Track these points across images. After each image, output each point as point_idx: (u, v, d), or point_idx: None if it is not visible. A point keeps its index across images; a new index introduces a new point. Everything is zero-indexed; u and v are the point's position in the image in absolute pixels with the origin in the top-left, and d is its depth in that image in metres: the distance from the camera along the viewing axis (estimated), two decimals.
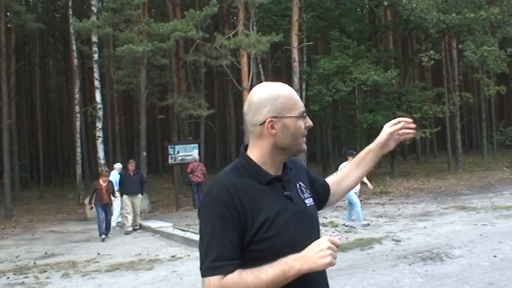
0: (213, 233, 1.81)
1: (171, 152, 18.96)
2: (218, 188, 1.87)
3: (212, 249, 1.80)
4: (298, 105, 1.95)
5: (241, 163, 1.97)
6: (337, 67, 23.14)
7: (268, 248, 1.82)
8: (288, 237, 1.86)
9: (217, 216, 1.81)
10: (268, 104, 1.93)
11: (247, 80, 21.45)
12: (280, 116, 1.92)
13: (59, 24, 41.10)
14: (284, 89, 1.97)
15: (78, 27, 20.60)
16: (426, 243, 9.81)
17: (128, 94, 37.39)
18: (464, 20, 22.26)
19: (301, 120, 1.94)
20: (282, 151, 1.95)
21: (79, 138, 25.26)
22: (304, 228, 1.94)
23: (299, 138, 1.95)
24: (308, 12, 25.39)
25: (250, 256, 1.82)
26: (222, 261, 1.78)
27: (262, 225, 1.83)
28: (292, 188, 2.00)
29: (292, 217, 1.90)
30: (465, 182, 22.03)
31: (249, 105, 1.97)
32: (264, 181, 1.91)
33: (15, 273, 9.59)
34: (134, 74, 22.52)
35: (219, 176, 1.96)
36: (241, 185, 1.87)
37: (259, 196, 1.88)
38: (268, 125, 1.91)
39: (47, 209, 21.91)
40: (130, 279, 8.65)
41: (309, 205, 2.03)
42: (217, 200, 1.83)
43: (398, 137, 2.35)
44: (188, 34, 20.00)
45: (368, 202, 17.45)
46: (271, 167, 1.95)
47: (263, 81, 18.87)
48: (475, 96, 36.44)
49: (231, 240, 1.80)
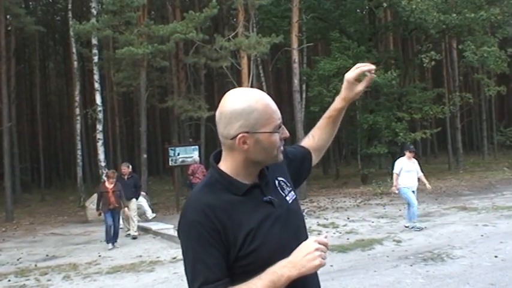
0: (196, 257, 1.77)
1: (172, 154, 18.96)
2: (193, 209, 1.81)
3: (198, 274, 1.76)
4: (273, 118, 1.84)
5: (214, 177, 1.88)
6: (337, 68, 23.12)
7: (257, 260, 1.77)
8: (274, 244, 1.81)
9: (196, 240, 1.76)
10: (241, 118, 1.81)
11: (247, 81, 21.45)
12: (253, 131, 1.81)
13: (58, 27, 41.18)
14: (259, 101, 1.84)
15: (78, 30, 20.61)
16: (427, 244, 9.81)
17: (128, 96, 37.41)
18: (465, 21, 22.24)
19: (275, 134, 1.84)
20: (259, 164, 1.89)
21: (79, 140, 25.27)
22: (290, 229, 1.89)
23: (274, 152, 1.86)
24: (308, 14, 25.40)
25: (239, 272, 1.77)
26: (210, 284, 1.73)
27: (245, 238, 1.77)
28: (271, 188, 1.94)
29: (275, 222, 1.85)
30: (466, 182, 22.01)
31: (220, 115, 1.86)
32: (240, 192, 1.84)
33: (16, 275, 9.59)
34: (134, 76, 22.53)
35: (193, 195, 1.89)
36: (217, 202, 1.80)
37: (237, 210, 1.81)
38: (240, 141, 1.82)
39: (48, 212, 21.92)
40: (132, 281, 8.65)
41: (291, 201, 1.97)
42: (194, 223, 1.77)
43: (362, 84, 2.33)
44: (188, 36, 20.00)
45: (369, 203, 17.46)
46: (246, 177, 1.88)
47: (263, 83, 18.88)
48: (476, 97, 36.43)
49: (215, 261, 1.75)
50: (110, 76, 27.30)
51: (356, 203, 17.73)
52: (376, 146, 24.14)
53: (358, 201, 18.20)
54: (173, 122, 27.19)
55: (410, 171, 11.74)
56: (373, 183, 21.35)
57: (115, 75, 24.17)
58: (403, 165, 11.70)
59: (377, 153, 24.73)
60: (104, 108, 23.67)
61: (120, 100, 35.60)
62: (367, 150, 24.27)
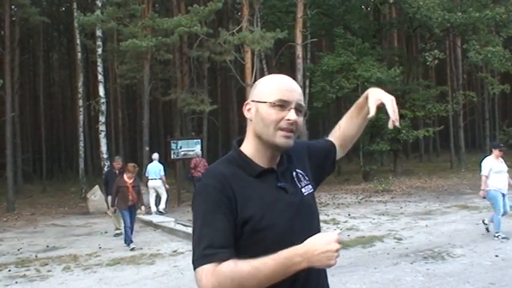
0: (205, 220, 1.75)
1: (174, 147, 18.94)
2: (209, 176, 1.85)
3: (204, 237, 1.73)
4: (278, 92, 1.86)
5: (232, 155, 1.93)
6: (341, 64, 23.11)
7: (263, 240, 1.76)
8: (283, 228, 1.81)
9: (208, 204, 1.77)
10: (255, 88, 1.95)
11: (250, 76, 21.43)
12: (256, 99, 1.89)
13: (63, 18, 41.13)
14: (274, 77, 1.95)
15: (83, 22, 20.62)
16: (428, 242, 9.80)
17: (131, 89, 37.41)
18: (469, 19, 22.18)
19: (274, 108, 1.84)
20: (261, 141, 1.88)
21: (82, 132, 25.30)
22: (301, 219, 1.88)
23: (270, 127, 1.84)
24: (313, 9, 25.33)
25: (244, 249, 1.74)
26: (215, 249, 1.70)
27: (252, 216, 1.77)
28: (288, 178, 1.94)
29: (287, 208, 1.85)
30: (468, 181, 21.99)
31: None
32: (254, 173, 1.86)
33: (16, 265, 9.62)
34: (138, 69, 22.54)
35: (210, 167, 1.94)
36: (232, 175, 1.83)
37: (249, 187, 1.83)
38: (246, 107, 1.92)
39: (49, 203, 21.96)
40: (132, 273, 8.66)
41: (307, 194, 1.96)
42: (208, 187, 1.80)
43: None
44: (192, 29, 19.99)
45: (370, 200, 17.45)
46: (261, 159, 1.89)
47: None
48: (479, 96, 36.34)
49: (223, 228, 1.73)
50: (114, 68, 27.29)
51: (357, 199, 17.72)
52: (378, 143, 24.13)
53: (360, 198, 18.19)
54: (176, 115, 27.18)
55: (501, 172, 10.40)
56: (375, 180, 21.35)
57: (119, 68, 24.17)
58: (492, 165, 10.39)
59: (379, 150, 24.73)
60: (107, 100, 23.67)
61: (123, 92, 35.61)
62: (369, 147, 24.25)
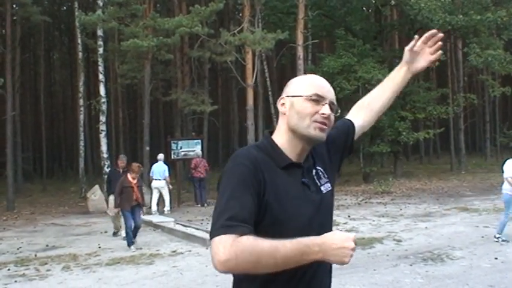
0: (232, 195, 1.77)
1: (174, 147, 18.95)
2: (242, 156, 1.88)
3: (228, 209, 1.74)
4: (313, 88, 1.94)
5: (263, 143, 1.99)
6: (342, 66, 23.11)
7: (280, 231, 1.77)
8: (302, 224, 1.86)
9: (239, 181, 1.80)
10: (289, 85, 2.02)
11: (251, 76, 21.43)
12: (291, 94, 1.97)
13: (64, 18, 41.16)
14: (311, 76, 2.04)
15: (84, 21, 20.62)
16: (427, 244, 9.80)
17: (132, 88, 37.39)
18: (471, 22, 22.18)
19: (310, 102, 1.91)
20: (295, 134, 1.94)
21: (82, 131, 25.30)
22: (320, 216, 1.95)
23: (305, 120, 1.91)
24: (314, 10, 25.34)
25: (262, 235, 1.72)
26: (237, 222, 1.70)
27: (276, 206, 1.82)
28: (310, 175, 2.00)
29: (308, 204, 1.91)
30: (468, 183, 21.99)
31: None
32: (282, 165, 1.91)
33: (16, 264, 9.62)
34: (139, 69, 22.55)
35: (243, 148, 1.99)
36: (263, 161, 1.88)
37: (277, 177, 1.88)
38: (280, 102, 2.00)
39: (49, 202, 21.96)
40: (131, 273, 8.66)
41: (325, 192, 2.02)
42: (241, 166, 1.83)
43: (429, 55, 2.36)
44: (193, 30, 19.99)
45: (370, 201, 17.45)
46: (291, 152, 1.95)
47: (267, 79, 18.91)
48: (480, 98, 36.34)
49: (249, 205, 1.76)
50: (115, 68, 27.29)
51: (357, 201, 17.72)
52: (378, 145, 24.13)
53: (359, 199, 18.19)
54: (176, 116, 27.18)
55: None
56: (375, 181, 21.34)
57: (119, 67, 24.18)
58: None
59: (379, 152, 24.72)
60: (108, 99, 23.67)
61: (124, 92, 35.60)
62: (370, 148, 24.25)
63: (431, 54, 2.36)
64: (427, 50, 2.36)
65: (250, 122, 21.58)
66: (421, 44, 2.35)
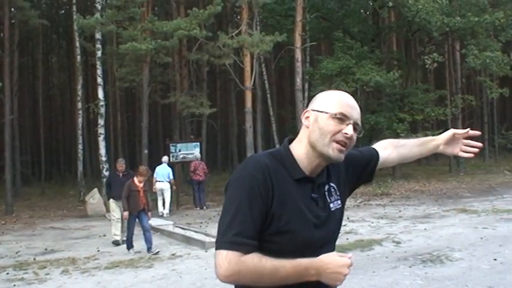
0: (240, 207, 1.80)
1: (173, 150, 18.96)
2: (253, 165, 1.88)
3: (235, 223, 1.78)
4: (339, 106, 1.93)
5: (280, 152, 1.99)
6: (340, 68, 23.13)
7: (282, 242, 1.84)
8: (303, 237, 1.88)
9: (246, 193, 1.81)
10: (317, 99, 2.03)
11: (249, 79, 21.46)
12: (316, 109, 1.97)
13: (62, 21, 41.10)
14: (339, 92, 2.03)
15: (82, 24, 20.61)
16: (427, 246, 9.80)
17: (130, 92, 37.37)
18: (468, 24, 22.22)
19: (334, 120, 1.91)
20: (314, 150, 1.93)
21: (81, 135, 25.26)
22: (323, 232, 1.95)
23: (326, 138, 1.91)
24: (312, 13, 25.37)
25: (263, 246, 1.81)
26: (244, 238, 1.77)
27: (282, 216, 1.84)
28: (321, 191, 2.00)
29: (313, 219, 1.92)
30: (466, 184, 22.00)
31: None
32: (295, 177, 1.91)
33: (15, 268, 9.60)
34: (137, 72, 22.53)
35: (255, 156, 2.00)
36: (274, 170, 1.88)
37: (287, 188, 1.88)
38: (304, 115, 2.01)
39: (48, 206, 21.92)
40: (130, 276, 8.65)
41: (334, 209, 2.02)
42: (250, 177, 1.84)
43: (461, 149, 2.41)
44: (191, 33, 19.99)
45: (369, 203, 17.46)
46: (306, 166, 1.95)
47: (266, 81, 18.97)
48: (478, 99, 36.37)
49: (255, 220, 1.80)
50: (113, 71, 27.27)
51: (356, 203, 17.72)
52: None
53: (358, 201, 18.19)
54: (175, 119, 27.16)
55: None
56: (374, 183, 21.30)
57: (118, 70, 24.16)
58: None
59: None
60: (106, 103, 23.64)
61: (122, 95, 35.58)
62: None
63: (462, 150, 2.42)
64: (461, 143, 2.42)
65: (249, 124, 21.59)
66: (462, 135, 2.41)
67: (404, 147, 2.44)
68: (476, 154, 2.44)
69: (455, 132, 2.40)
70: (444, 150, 2.42)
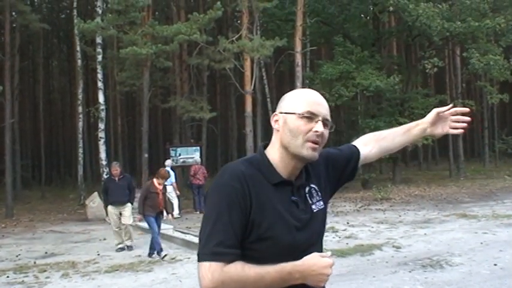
0: (219, 218, 1.79)
1: (173, 154, 18.99)
2: (229, 174, 1.87)
3: (216, 233, 1.78)
4: (307, 104, 1.91)
5: (256, 158, 1.97)
6: (340, 72, 23.14)
7: (264, 248, 1.83)
8: (285, 242, 1.85)
9: (226, 203, 1.80)
10: (283, 101, 2.00)
11: (249, 83, 21.48)
12: (284, 111, 1.94)
13: (63, 25, 41.21)
14: (305, 91, 2.02)
15: (83, 28, 20.65)
16: (426, 251, 9.80)
17: (130, 96, 37.47)
18: (469, 29, 22.26)
19: (303, 119, 1.89)
20: (288, 152, 1.91)
21: (81, 138, 25.28)
22: (305, 235, 1.92)
23: (298, 139, 1.89)
24: (312, 18, 25.41)
25: (245, 254, 1.80)
26: (225, 248, 1.76)
27: (261, 223, 1.82)
28: (302, 193, 1.97)
29: (294, 223, 1.89)
30: (466, 189, 21.99)
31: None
32: (273, 181, 1.89)
33: (15, 272, 9.59)
34: (137, 76, 22.59)
35: (231, 164, 1.97)
36: (252, 177, 1.86)
37: (266, 194, 1.86)
38: (273, 119, 1.98)
39: (48, 209, 21.92)
40: (130, 280, 8.65)
41: (316, 210, 1.99)
42: (228, 187, 1.82)
43: (449, 126, 2.34)
44: (192, 37, 20.05)
45: (369, 208, 17.45)
46: (283, 169, 1.93)
47: (266, 85, 19.03)
48: (478, 104, 36.41)
49: (235, 229, 1.79)
50: (113, 75, 27.34)
51: (356, 207, 17.72)
52: None
53: (358, 206, 18.19)
54: (175, 123, 27.21)
55: None
56: (374, 188, 21.34)
57: (118, 75, 24.23)
58: None
59: (378, 159, 24.68)
60: (107, 107, 23.67)
61: (123, 99, 35.68)
62: None
63: (451, 127, 2.35)
64: (449, 121, 2.35)
65: (249, 128, 21.61)
66: (448, 113, 2.34)
67: (386, 140, 2.38)
68: (465, 129, 2.36)
69: (438, 111, 2.34)
70: (433, 132, 2.36)
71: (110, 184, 11.82)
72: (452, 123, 2.35)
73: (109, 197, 11.70)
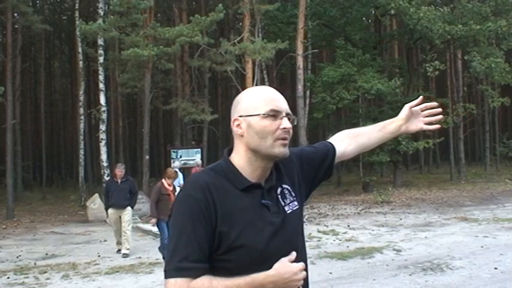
0: (183, 232, 1.74)
1: (174, 156, 19.01)
2: (191, 186, 1.83)
3: (180, 248, 1.73)
4: (268, 103, 1.85)
5: (221, 165, 1.90)
6: (341, 75, 23.15)
7: (238, 259, 1.76)
8: (258, 249, 1.78)
9: (188, 215, 1.75)
10: (239, 103, 1.92)
11: (251, 86, 21.45)
12: (246, 114, 1.87)
13: (65, 27, 41.27)
14: (259, 89, 1.94)
15: (85, 30, 20.68)
16: (427, 254, 9.80)
17: (132, 97, 37.45)
18: (470, 32, 22.26)
19: (268, 119, 1.83)
20: (257, 154, 1.86)
21: (82, 140, 25.30)
22: (280, 239, 1.84)
23: (267, 139, 1.83)
24: (314, 20, 25.44)
25: (218, 266, 1.76)
26: (190, 263, 1.71)
27: (230, 233, 1.75)
28: (273, 195, 1.90)
29: (266, 227, 1.82)
30: (467, 193, 21.99)
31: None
32: (241, 187, 1.83)
33: (15, 273, 9.60)
34: (139, 78, 22.59)
35: (194, 175, 1.92)
36: (216, 186, 1.80)
37: (233, 201, 1.80)
38: (234, 124, 1.90)
39: (49, 210, 21.94)
40: (130, 282, 8.65)
41: (290, 212, 1.91)
42: (190, 198, 1.78)
43: (423, 122, 2.32)
44: (193, 39, 20.06)
45: (370, 211, 17.44)
46: (251, 173, 1.87)
47: None
48: (479, 108, 36.41)
49: (201, 242, 1.73)
50: (115, 77, 27.37)
51: (357, 210, 17.72)
52: (378, 154, 24.11)
53: (359, 209, 18.19)
54: (176, 125, 27.22)
55: None
56: (375, 191, 21.34)
57: (120, 76, 24.23)
58: None
59: (379, 162, 24.71)
60: (108, 108, 23.71)
61: (124, 101, 35.67)
62: (369, 158, 24.25)
63: (424, 123, 2.32)
64: (421, 117, 2.33)
65: None
66: (419, 109, 2.32)
67: (362, 136, 2.33)
68: (439, 122, 2.34)
69: (410, 105, 2.30)
70: (408, 129, 2.31)
71: (112, 186, 11.45)
72: (425, 118, 2.33)
73: (110, 200, 11.34)
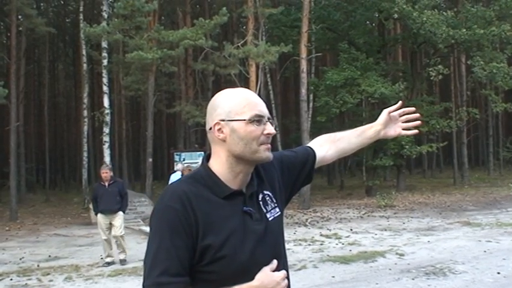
0: (161, 245, 1.67)
1: (177, 159, 19.02)
2: (169, 196, 1.74)
3: (159, 262, 1.66)
4: (251, 107, 1.80)
5: (200, 172, 1.83)
6: (345, 79, 23.15)
7: (221, 270, 1.71)
8: (243, 258, 1.73)
9: (167, 227, 1.68)
10: (218, 106, 1.83)
11: (255, 89, 21.48)
12: (228, 118, 1.79)
13: (69, 29, 41.39)
14: (239, 92, 1.86)
15: (89, 33, 20.74)
16: (430, 258, 9.78)
17: (135, 100, 37.55)
18: (474, 36, 22.26)
19: (253, 124, 1.78)
20: (240, 160, 1.80)
21: (86, 142, 25.35)
22: (266, 247, 1.81)
23: (253, 145, 1.78)
24: (317, 24, 25.44)
25: (202, 278, 1.72)
26: (170, 277, 1.64)
27: (213, 244, 1.69)
28: (254, 202, 1.85)
29: (250, 236, 1.77)
30: (471, 197, 21.94)
31: (207, 111, 1.90)
32: (222, 195, 1.77)
33: (18, 275, 9.62)
34: (143, 81, 22.64)
35: (172, 184, 1.83)
36: (196, 195, 1.73)
37: (214, 210, 1.73)
38: (215, 129, 1.81)
39: (52, 212, 21.97)
40: (133, 284, 8.66)
41: (272, 218, 1.87)
42: (168, 209, 1.70)
43: (400, 128, 2.31)
44: (197, 42, 20.10)
45: (372, 215, 17.42)
46: (232, 180, 1.81)
47: (271, 91, 18.98)
48: (483, 112, 36.37)
49: (180, 254, 1.66)
50: (119, 80, 27.42)
51: (360, 214, 17.70)
52: (381, 158, 24.11)
53: (362, 212, 18.17)
54: (179, 128, 27.26)
55: None
56: (378, 195, 21.31)
57: (124, 79, 24.28)
58: None
59: (382, 166, 24.69)
60: (111, 111, 23.73)
61: (128, 104, 35.71)
62: (373, 162, 24.24)
63: (402, 128, 2.32)
64: (399, 122, 2.33)
65: None
66: (397, 114, 2.32)
67: (342, 141, 2.31)
68: (417, 128, 2.34)
69: (389, 110, 2.30)
70: (386, 134, 2.31)
71: (99, 191, 10.74)
72: (403, 123, 2.33)
73: (99, 205, 10.59)
